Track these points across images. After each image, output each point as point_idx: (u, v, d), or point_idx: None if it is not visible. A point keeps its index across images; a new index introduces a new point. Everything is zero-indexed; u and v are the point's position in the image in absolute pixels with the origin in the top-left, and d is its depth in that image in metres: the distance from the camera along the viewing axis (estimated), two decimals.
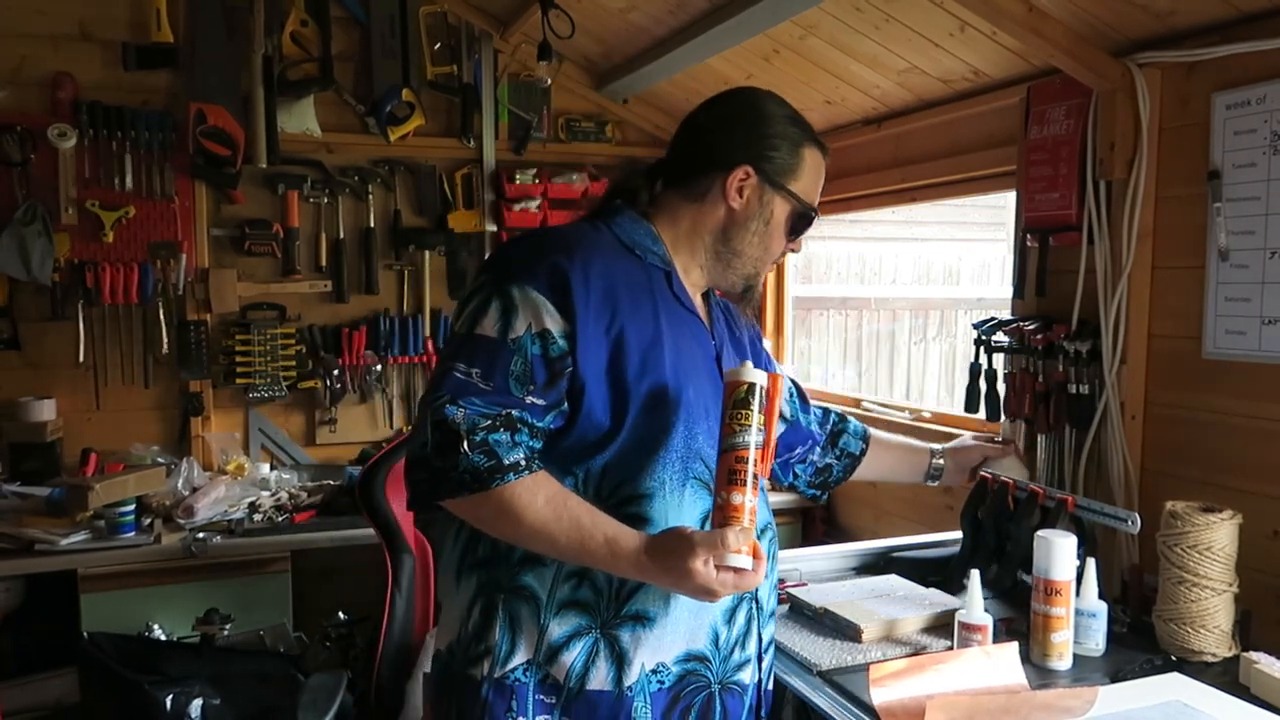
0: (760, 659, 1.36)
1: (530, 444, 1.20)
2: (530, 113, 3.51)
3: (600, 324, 1.23)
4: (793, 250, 1.47)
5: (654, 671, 1.23)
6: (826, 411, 1.86)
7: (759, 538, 1.27)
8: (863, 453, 1.85)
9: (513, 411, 1.18)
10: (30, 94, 2.98)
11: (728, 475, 1.16)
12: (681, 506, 1.25)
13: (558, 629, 1.22)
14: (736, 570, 1.13)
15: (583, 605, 1.23)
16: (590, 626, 1.23)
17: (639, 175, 1.44)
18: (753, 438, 1.16)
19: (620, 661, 1.22)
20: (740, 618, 1.30)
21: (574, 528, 1.17)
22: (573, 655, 1.22)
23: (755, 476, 1.17)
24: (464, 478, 1.16)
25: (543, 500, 1.17)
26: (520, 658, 1.23)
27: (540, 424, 1.21)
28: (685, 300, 1.37)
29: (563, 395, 1.23)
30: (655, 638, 1.23)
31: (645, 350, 1.25)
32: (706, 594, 1.14)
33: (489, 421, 1.17)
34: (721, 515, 1.14)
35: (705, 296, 1.45)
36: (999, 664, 1.51)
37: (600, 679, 1.22)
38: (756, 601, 1.33)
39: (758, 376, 1.20)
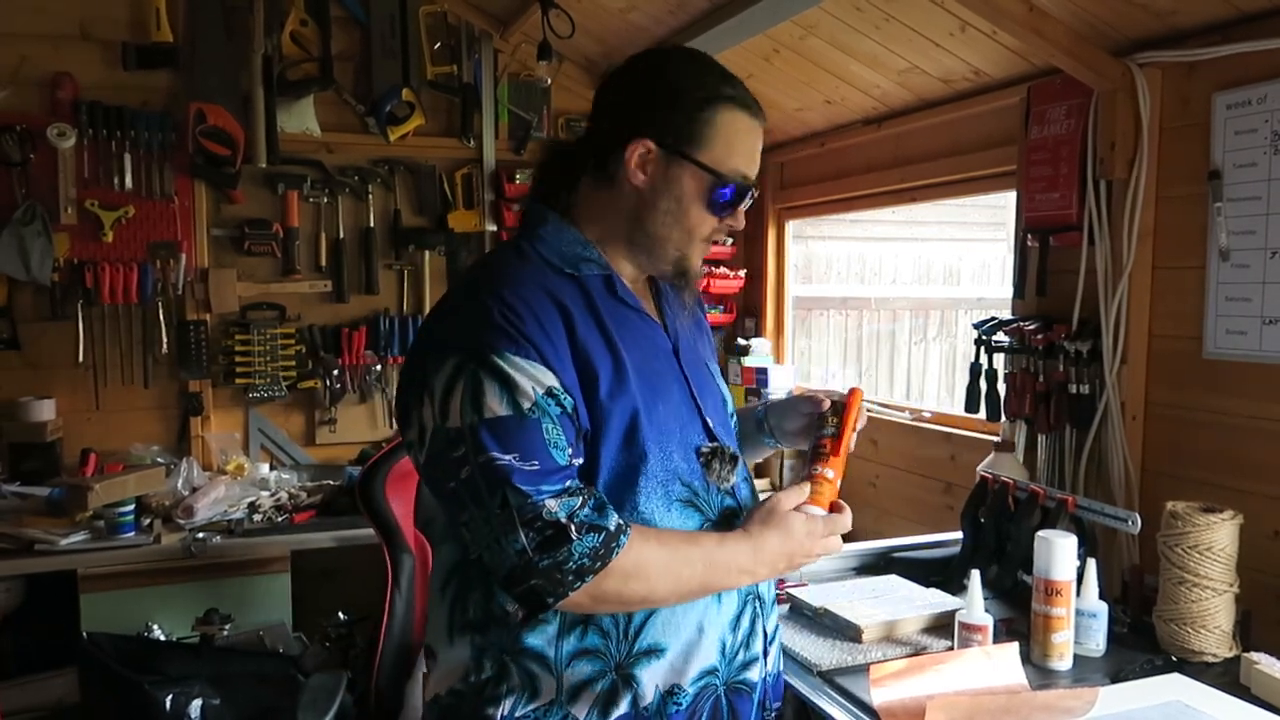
0: (766, 653, 1.32)
1: (610, 507, 1.14)
2: (530, 112, 3.50)
3: (569, 366, 1.14)
4: (733, 225, 1.27)
5: (669, 693, 1.20)
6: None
7: (737, 518, 1.26)
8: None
9: (569, 484, 1.10)
10: (30, 94, 2.98)
11: (814, 454, 1.33)
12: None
13: (572, 678, 1.17)
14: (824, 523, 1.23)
15: (593, 652, 1.18)
16: (605, 670, 1.17)
17: (554, 164, 1.30)
18: (829, 430, 1.34)
19: (636, 694, 1.18)
20: (745, 621, 1.27)
21: (691, 553, 1.16)
22: (594, 695, 1.17)
23: (829, 455, 1.31)
24: (584, 564, 1.08)
25: (655, 545, 1.14)
26: (543, 699, 1.18)
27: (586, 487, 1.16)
28: (631, 301, 1.25)
29: (584, 447, 1.17)
30: (669, 666, 1.20)
31: (610, 382, 1.17)
32: (805, 544, 1.22)
33: (578, 500, 1.10)
34: (812, 484, 1.28)
35: (651, 281, 1.33)
36: (999, 664, 1.51)
37: (620, 711, 1.18)
38: (759, 599, 1.30)
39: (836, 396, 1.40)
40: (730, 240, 3.67)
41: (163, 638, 2.53)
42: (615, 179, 1.22)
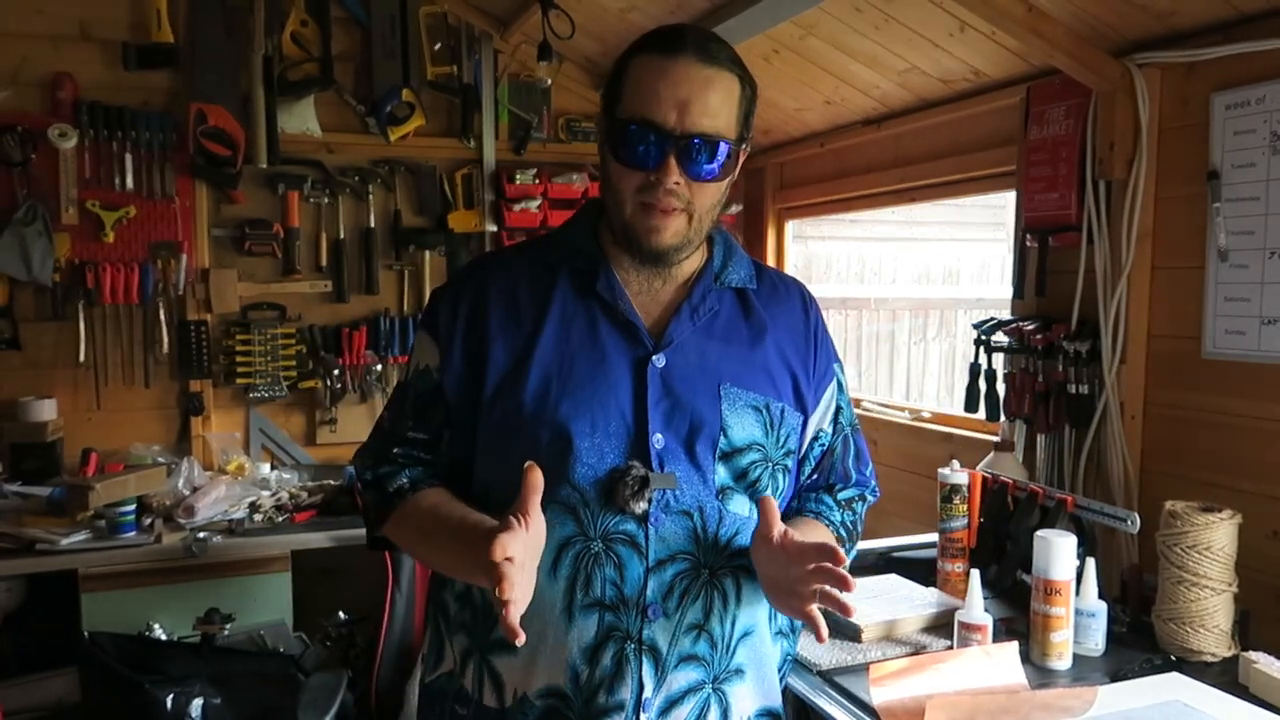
0: (643, 709, 1.14)
1: (417, 470, 1.23)
2: (530, 113, 3.51)
3: (462, 349, 1.21)
4: (657, 178, 1.13)
5: (520, 701, 1.16)
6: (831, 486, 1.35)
7: (657, 566, 1.13)
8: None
9: (396, 448, 1.24)
10: (31, 94, 2.98)
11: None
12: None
13: (458, 646, 1.23)
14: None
15: (466, 627, 1.22)
16: (474, 648, 1.21)
17: None
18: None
19: (498, 684, 1.18)
20: (605, 657, 1.13)
21: (436, 524, 1.17)
22: (469, 676, 1.21)
23: None
24: (369, 516, 1.26)
25: (425, 507, 1.19)
26: (444, 667, 1.25)
27: (430, 455, 1.24)
28: (609, 298, 1.19)
29: (441, 427, 1.22)
30: (520, 668, 1.16)
31: (506, 370, 1.17)
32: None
33: (375, 461, 1.25)
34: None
35: (696, 283, 1.23)
36: (999, 664, 1.52)
37: (490, 697, 1.19)
38: (640, 642, 1.13)
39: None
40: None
41: (163, 637, 2.54)
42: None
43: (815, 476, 1.32)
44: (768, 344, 1.25)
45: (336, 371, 3.31)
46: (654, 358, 1.18)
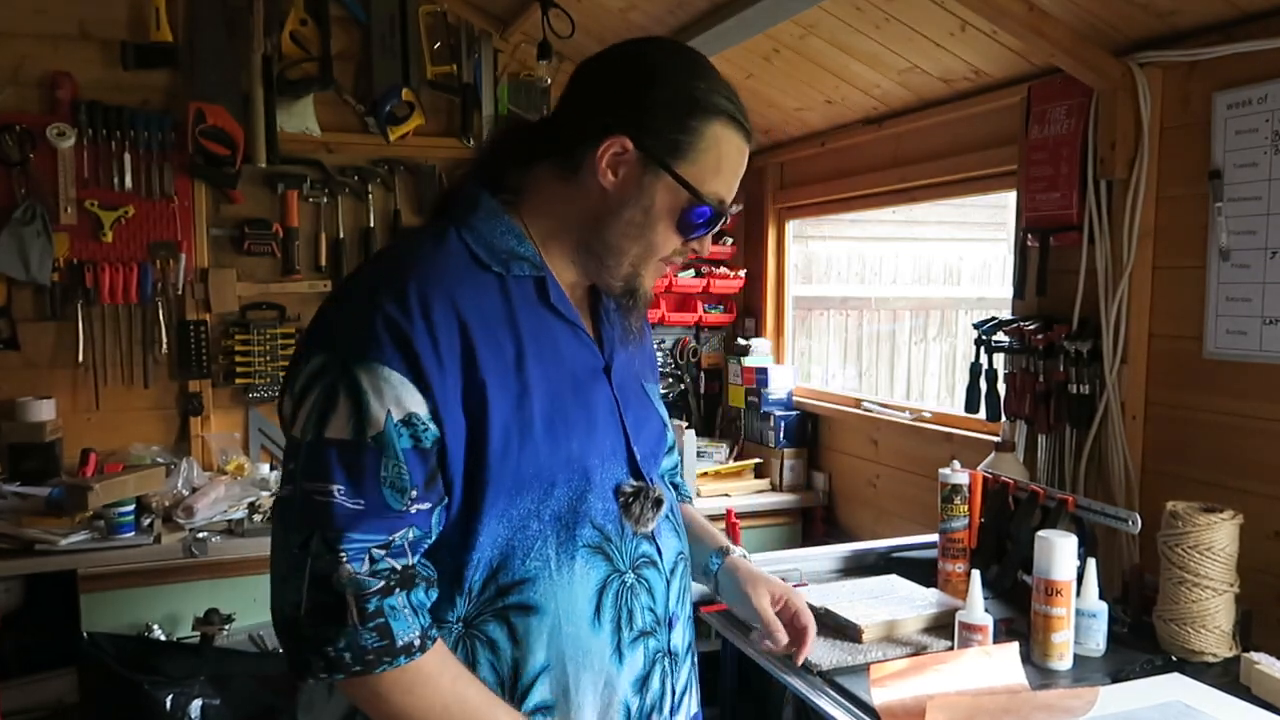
0: (674, 710, 1.16)
1: (426, 602, 0.98)
2: (530, 112, 3.50)
3: (456, 390, 0.98)
4: (695, 254, 1.13)
5: None
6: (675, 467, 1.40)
7: (671, 575, 1.15)
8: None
9: (395, 538, 0.96)
10: (29, 93, 2.98)
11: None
12: (572, 584, 1.04)
13: None
14: None
15: None
16: None
17: (509, 142, 1.14)
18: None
19: None
20: (655, 682, 1.12)
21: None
22: None
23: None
24: (343, 658, 0.93)
25: (437, 686, 0.97)
26: None
27: (431, 533, 1.00)
28: (564, 310, 1.09)
29: (442, 498, 0.99)
30: None
31: (510, 412, 1.00)
32: None
33: (381, 583, 0.94)
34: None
35: (591, 288, 1.16)
36: (999, 664, 1.51)
37: None
38: (669, 655, 1.14)
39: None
40: (730, 240, 3.67)
41: (163, 638, 2.54)
42: (579, 173, 1.06)
43: None
44: (646, 335, 1.24)
45: None
46: (613, 369, 1.14)
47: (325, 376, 0.96)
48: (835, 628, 1.74)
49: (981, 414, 2.42)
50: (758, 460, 3.45)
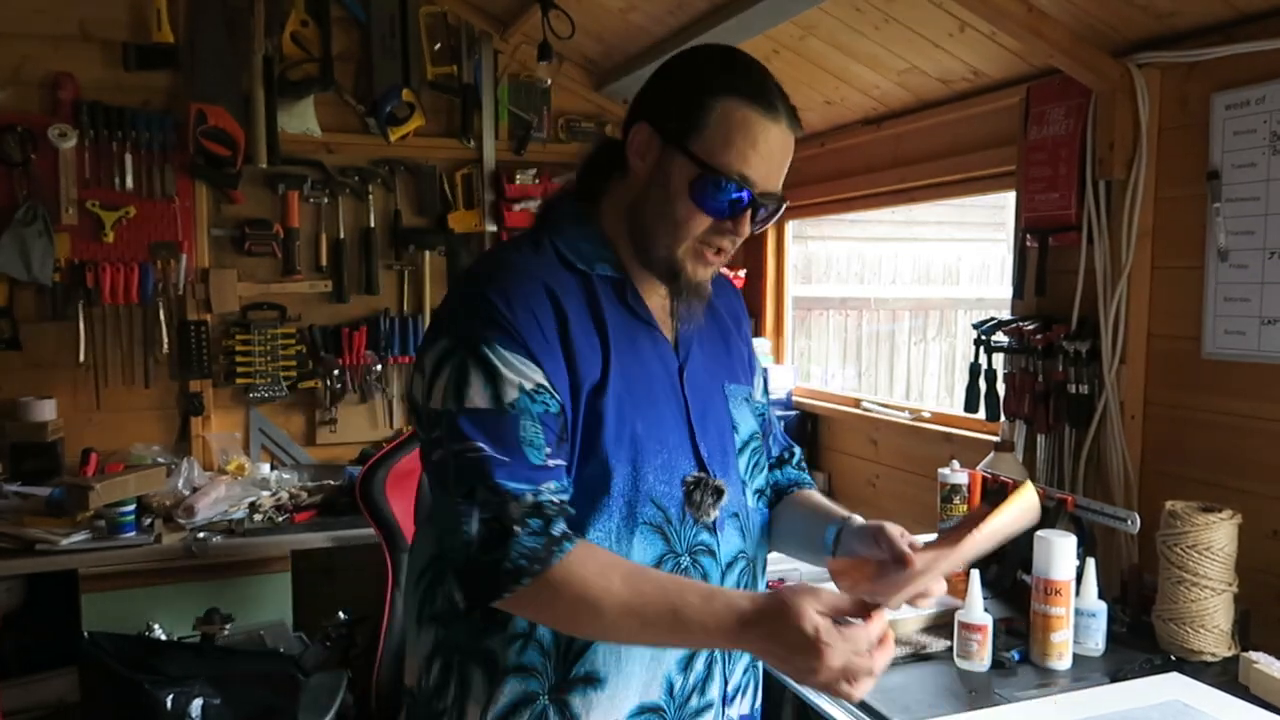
0: (727, 703, 1.22)
1: (567, 516, 1.08)
2: (530, 113, 3.51)
3: (560, 365, 1.10)
4: (734, 233, 1.15)
5: None
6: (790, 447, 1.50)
7: (728, 569, 1.19)
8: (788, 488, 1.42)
9: (542, 488, 1.06)
10: (31, 94, 2.98)
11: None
12: (630, 554, 1.12)
13: (504, 697, 1.12)
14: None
15: (529, 670, 1.12)
16: (538, 693, 1.12)
17: (596, 162, 1.24)
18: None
19: None
20: (699, 663, 1.18)
21: (658, 592, 1.03)
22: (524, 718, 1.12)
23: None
24: (520, 565, 1.03)
25: (607, 569, 1.05)
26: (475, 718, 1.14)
27: (568, 489, 1.09)
28: (641, 311, 1.19)
29: (568, 453, 1.11)
30: (608, 698, 1.12)
31: (591, 388, 1.12)
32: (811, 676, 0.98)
33: (529, 503, 1.05)
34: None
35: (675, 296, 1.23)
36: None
37: None
38: None
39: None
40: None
41: (163, 637, 2.54)
42: (627, 170, 1.17)
43: (772, 444, 1.42)
44: (731, 336, 1.34)
45: (336, 372, 3.31)
46: (686, 370, 1.22)
47: (453, 356, 1.09)
48: None
49: (981, 414, 2.42)
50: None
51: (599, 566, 1.04)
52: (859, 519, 1.29)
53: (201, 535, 2.63)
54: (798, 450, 1.49)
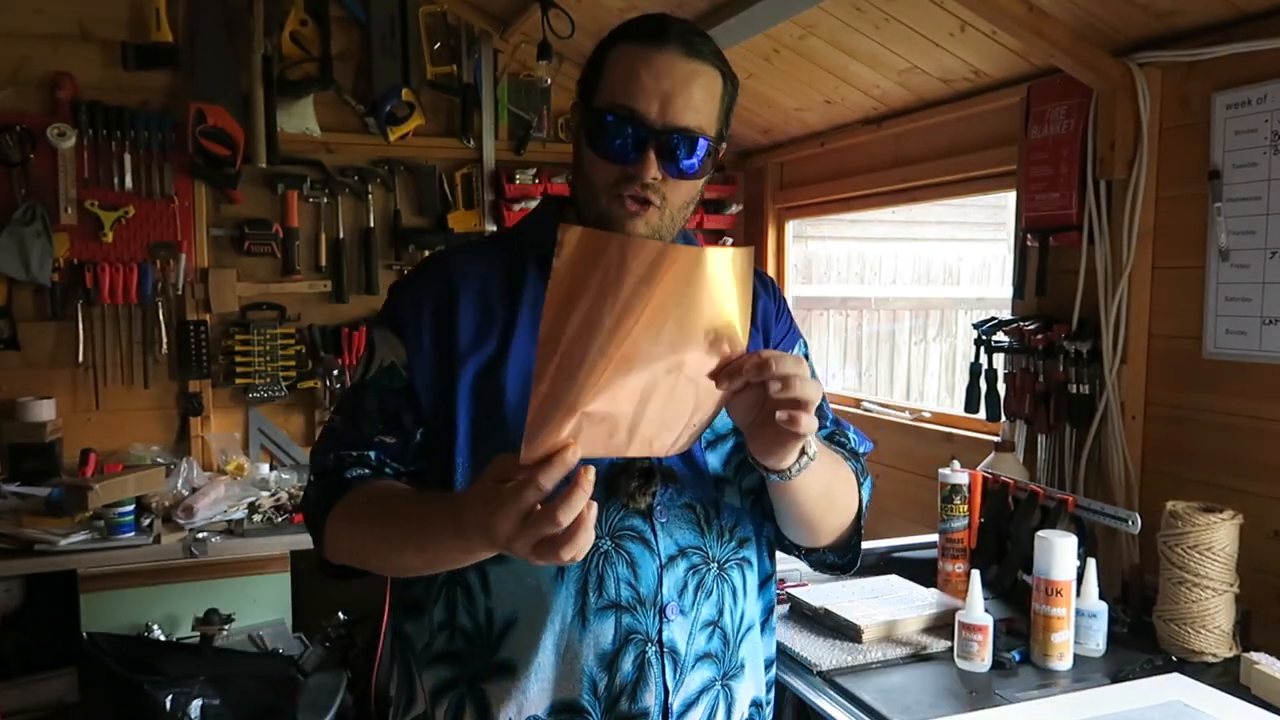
0: (669, 714, 1.11)
1: (383, 473, 1.11)
2: (530, 113, 3.50)
3: (433, 345, 1.12)
4: (634, 173, 1.07)
5: None
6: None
7: (670, 563, 1.11)
8: None
9: (366, 452, 1.11)
10: (30, 94, 2.98)
11: None
12: None
13: (430, 681, 1.14)
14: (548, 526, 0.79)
15: (453, 656, 1.13)
16: (459, 678, 1.12)
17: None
18: None
19: (484, 716, 1.10)
20: (626, 663, 1.10)
21: (407, 500, 1.05)
22: (442, 710, 1.13)
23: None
24: (313, 514, 1.12)
25: (371, 497, 1.07)
26: (415, 709, 1.16)
27: (397, 464, 1.12)
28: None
29: (411, 432, 1.12)
30: (520, 688, 1.09)
31: (482, 364, 1.10)
32: (500, 539, 0.82)
33: (330, 461, 1.12)
34: None
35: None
36: None
37: None
38: (660, 644, 1.11)
39: None
40: (730, 240, 3.67)
41: (163, 638, 2.54)
42: None
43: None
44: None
45: (336, 372, 3.30)
46: None
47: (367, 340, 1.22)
48: (835, 628, 1.74)
49: (981, 414, 2.42)
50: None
51: (364, 497, 1.08)
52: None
53: (201, 535, 2.63)
54: (851, 433, 1.29)
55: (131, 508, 2.63)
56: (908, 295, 5.73)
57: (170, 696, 2.14)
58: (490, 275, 1.15)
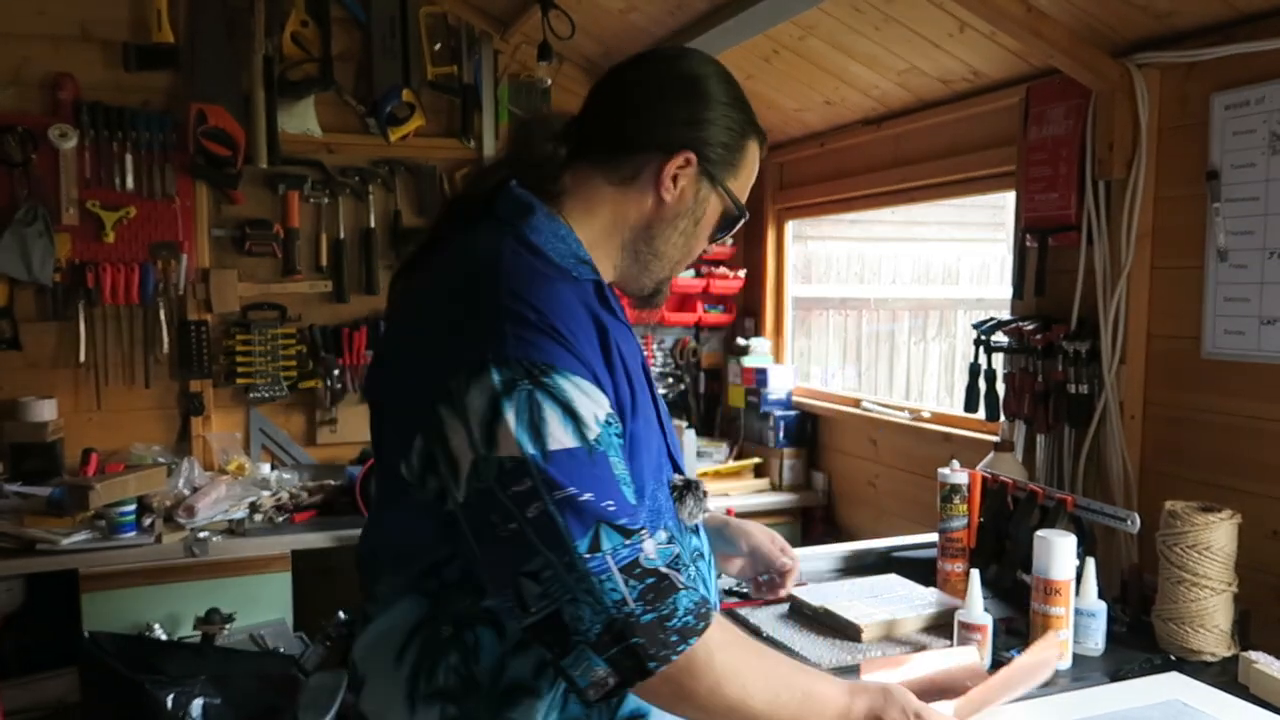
0: None
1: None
2: (529, 113, 3.51)
3: (611, 388, 1.00)
4: (703, 257, 1.21)
5: None
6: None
7: (711, 564, 1.19)
8: None
9: (648, 528, 0.96)
10: (31, 94, 2.99)
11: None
12: None
13: None
14: None
15: None
16: None
17: (539, 142, 1.14)
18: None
19: None
20: None
21: (787, 673, 1.01)
22: None
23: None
24: (689, 621, 0.92)
25: (743, 640, 1.01)
26: None
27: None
28: (620, 313, 1.13)
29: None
30: None
31: (628, 407, 1.03)
32: None
33: (669, 546, 0.95)
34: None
35: None
36: (960, 654, 1.49)
37: None
38: None
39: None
40: (731, 241, 3.67)
41: (164, 637, 2.54)
42: (637, 181, 1.10)
43: None
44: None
45: (337, 372, 3.31)
46: (645, 365, 1.16)
47: (518, 390, 0.91)
48: (835, 627, 1.75)
49: (980, 414, 2.42)
50: (757, 460, 3.46)
51: (735, 637, 0.98)
52: (715, 514, 1.33)
53: (202, 535, 2.63)
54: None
55: (133, 507, 2.63)
56: (907, 295, 5.73)
57: (171, 696, 2.14)
58: (583, 293, 1.06)
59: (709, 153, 1.10)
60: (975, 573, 1.65)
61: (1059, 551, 1.62)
